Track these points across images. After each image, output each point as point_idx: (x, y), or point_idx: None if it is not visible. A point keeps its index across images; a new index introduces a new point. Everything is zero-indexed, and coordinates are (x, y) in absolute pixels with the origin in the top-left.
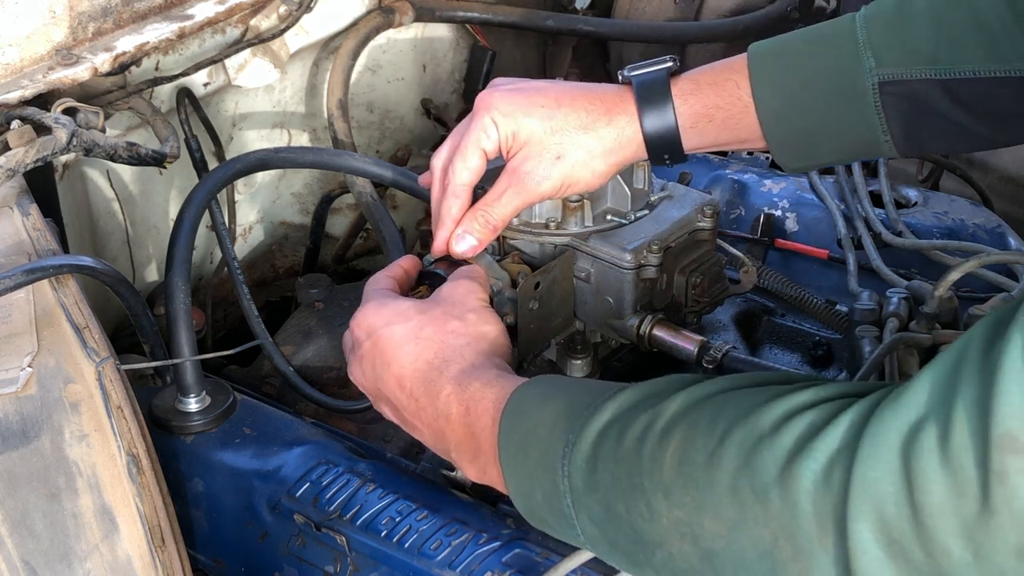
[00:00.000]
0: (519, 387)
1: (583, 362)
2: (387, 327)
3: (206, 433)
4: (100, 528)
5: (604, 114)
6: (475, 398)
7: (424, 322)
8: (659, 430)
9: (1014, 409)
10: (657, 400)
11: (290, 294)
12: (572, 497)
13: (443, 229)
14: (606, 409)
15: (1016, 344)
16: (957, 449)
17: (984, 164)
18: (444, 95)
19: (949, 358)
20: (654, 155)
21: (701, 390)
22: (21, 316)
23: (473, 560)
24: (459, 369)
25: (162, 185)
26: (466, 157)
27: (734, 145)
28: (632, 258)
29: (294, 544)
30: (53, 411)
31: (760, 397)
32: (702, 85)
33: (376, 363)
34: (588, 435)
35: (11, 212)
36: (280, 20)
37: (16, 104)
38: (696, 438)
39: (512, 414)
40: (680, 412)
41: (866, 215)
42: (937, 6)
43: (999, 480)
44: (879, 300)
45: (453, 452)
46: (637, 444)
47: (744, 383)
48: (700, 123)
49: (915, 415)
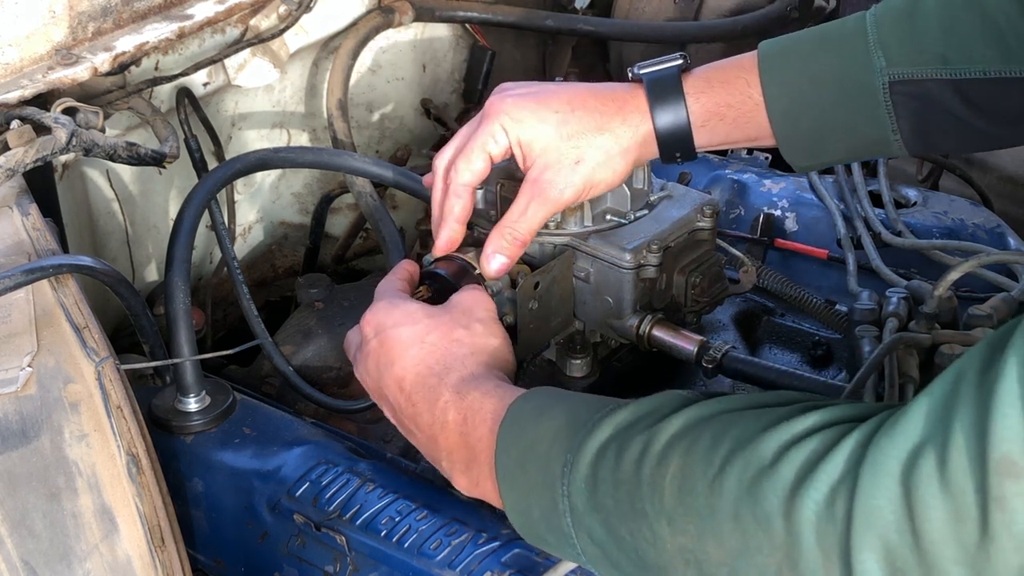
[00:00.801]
0: (517, 400)
1: (583, 362)
2: (395, 327)
3: (206, 433)
4: (100, 528)
5: (617, 112)
6: (473, 408)
7: (431, 327)
8: (656, 453)
9: (1011, 432)
10: (653, 419)
11: (290, 294)
12: (572, 517)
13: (444, 228)
14: (603, 427)
15: (1012, 367)
16: (956, 474)
17: (984, 164)
18: (444, 95)
19: (946, 381)
20: (666, 153)
21: (697, 411)
22: (21, 316)
23: (473, 560)
24: (459, 377)
25: (162, 185)
26: (470, 159)
27: (744, 143)
28: (632, 258)
29: (294, 544)
30: (53, 411)
31: (758, 423)
32: (713, 83)
33: (380, 362)
34: (586, 454)
35: (11, 212)
36: (280, 20)
37: (16, 104)
38: (695, 464)
39: (510, 428)
40: (677, 434)
41: (866, 215)
42: (947, 6)
43: (998, 506)
44: (879, 300)
45: (444, 461)
46: (635, 467)
47: (741, 405)
48: (711, 121)
49: (913, 441)
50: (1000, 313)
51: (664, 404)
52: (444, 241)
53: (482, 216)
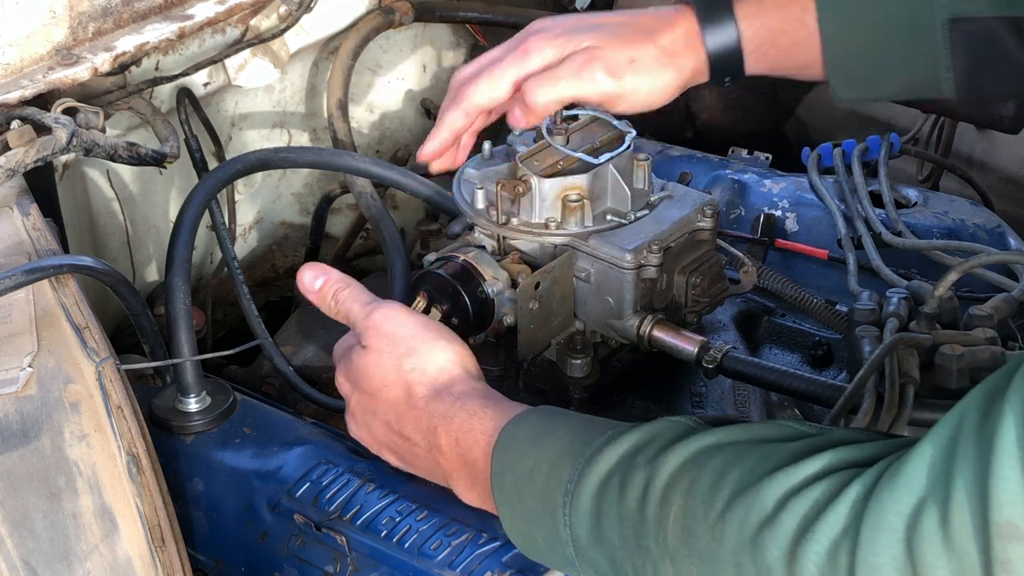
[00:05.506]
0: (509, 423)
1: (583, 362)
2: (359, 381)
3: (206, 433)
4: (100, 528)
5: (668, 25)
6: (463, 429)
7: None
8: (659, 490)
9: (1012, 496)
10: (654, 450)
11: (290, 294)
12: (575, 547)
13: (435, 136)
14: (604, 457)
15: (1009, 423)
16: (958, 534)
17: (984, 164)
18: (444, 95)
19: (945, 432)
20: (716, 75)
21: (697, 443)
22: (21, 316)
23: (473, 560)
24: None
25: (162, 185)
26: (494, 81)
27: (792, 72)
28: (632, 258)
29: (294, 544)
30: (53, 411)
31: (760, 464)
32: (767, 7)
33: (366, 414)
34: (588, 485)
35: (11, 212)
36: (280, 20)
37: (16, 104)
38: (696, 506)
39: (504, 453)
40: (677, 472)
41: (866, 215)
42: None
43: (1003, 569)
44: (879, 300)
45: (451, 481)
46: (639, 503)
47: (741, 438)
48: (763, 47)
49: (916, 496)
50: (1000, 313)
51: (664, 432)
52: (432, 147)
53: (482, 216)
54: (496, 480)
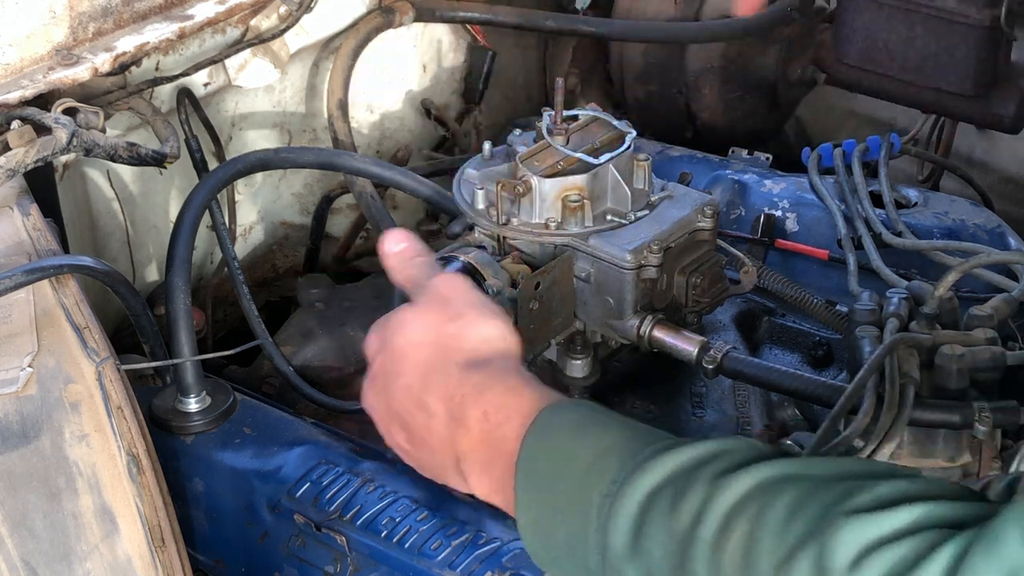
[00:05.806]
0: (551, 406)
1: (583, 362)
2: (394, 336)
3: (206, 433)
4: (100, 528)
5: None
6: (495, 404)
7: (427, 325)
8: (721, 514)
9: None
10: (718, 469)
11: (290, 294)
12: (603, 555)
13: None
14: (658, 465)
15: None
16: None
17: (984, 164)
18: (444, 95)
19: None
20: None
21: (771, 470)
22: (21, 316)
23: (473, 560)
24: (473, 372)
25: (162, 185)
26: None
27: None
28: (632, 258)
29: (294, 544)
30: (53, 411)
31: (841, 505)
32: None
33: (388, 377)
34: (635, 492)
35: (11, 212)
36: (280, 20)
37: (16, 104)
38: (763, 539)
39: (539, 436)
40: (748, 496)
41: (866, 215)
42: None
43: None
44: (879, 300)
45: (463, 463)
46: (694, 522)
47: (822, 473)
48: None
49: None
50: (1000, 313)
51: (731, 451)
52: None
53: (482, 216)
54: (524, 465)
